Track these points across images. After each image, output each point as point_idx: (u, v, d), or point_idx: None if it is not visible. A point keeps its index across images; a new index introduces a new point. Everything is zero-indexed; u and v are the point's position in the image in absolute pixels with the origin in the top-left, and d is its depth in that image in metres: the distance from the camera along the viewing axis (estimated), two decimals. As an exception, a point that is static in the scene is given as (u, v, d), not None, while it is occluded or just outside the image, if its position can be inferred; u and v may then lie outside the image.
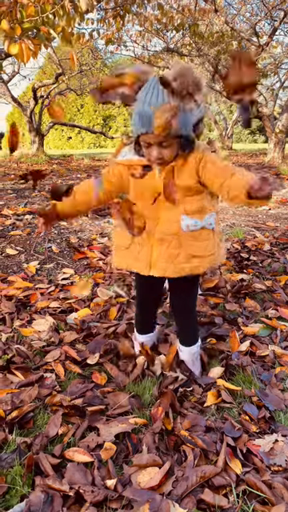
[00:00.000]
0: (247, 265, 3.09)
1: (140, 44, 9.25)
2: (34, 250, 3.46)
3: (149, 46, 9.73)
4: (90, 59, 13.57)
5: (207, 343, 1.96)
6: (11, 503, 1.13)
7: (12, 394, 1.57)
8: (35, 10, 3.08)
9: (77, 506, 1.13)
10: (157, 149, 1.33)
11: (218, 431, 1.39)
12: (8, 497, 1.16)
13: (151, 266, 1.48)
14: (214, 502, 1.12)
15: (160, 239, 1.45)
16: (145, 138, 1.33)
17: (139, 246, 1.49)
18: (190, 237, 1.45)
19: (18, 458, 1.28)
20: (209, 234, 1.48)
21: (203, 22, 8.42)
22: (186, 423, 1.42)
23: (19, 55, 2.87)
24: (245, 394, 1.59)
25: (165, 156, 1.35)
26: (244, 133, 36.44)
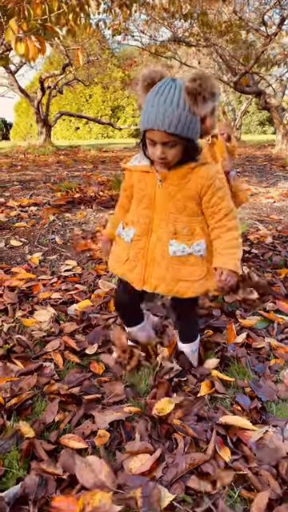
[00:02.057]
0: (248, 258, 3.10)
1: (147, 34, 9.17)
2: (37, 242, 3.50)
3: (156, 36, 9.66)
4: (97, 49, 13.49)
5: (204, 335, 1.99)
6: (7, 485, 1.18)
7: (11, 382, 1.62)
8: (42, 9, 3.07)
9: (70, 488, 1.17)
10: (161, 147, 1.30)
11: (209, 420, 1.43)
12: (4, 479, 1.21)
13: (144, 282, 1.49)
14: (200, 489, 1.16)
15: (152, 259, 1.47)
16: (150, 134, 1.31)
17: (134, 262, 1.51)
18: (176, 261, 1.45)
19: (16, 443, 1.33)
20: (197, 260, 1.46)
21: (211, 12, 8.32)
22: (179, 412, 1.46)
23: (25, 54, 2.88)
24: (238, 385, 1.63)
25: (169, 156, 1.32)
26: (253, 124, 36.07)
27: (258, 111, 31.49)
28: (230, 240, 1.43)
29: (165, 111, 1.24)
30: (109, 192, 5.51)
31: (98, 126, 30.05)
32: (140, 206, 1.49)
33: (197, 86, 1.23)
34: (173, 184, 1.40)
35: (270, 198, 5.42)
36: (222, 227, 1.43)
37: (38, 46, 3.18)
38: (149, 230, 1.47)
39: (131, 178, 1.52)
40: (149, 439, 1.36)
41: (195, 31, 9.03)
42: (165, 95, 1.25)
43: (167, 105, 1.24)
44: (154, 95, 1.27)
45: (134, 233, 1.50)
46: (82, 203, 4.88)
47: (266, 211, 4.78)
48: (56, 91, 14.03)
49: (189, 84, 1.24)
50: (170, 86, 1.27)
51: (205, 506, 1.11)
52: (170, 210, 1.43)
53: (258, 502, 1.10)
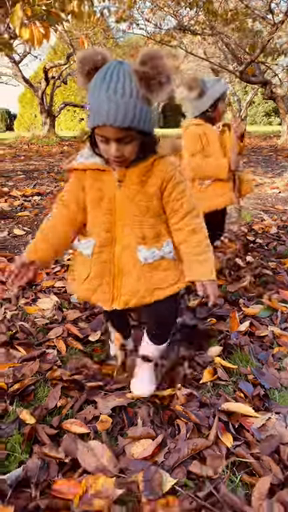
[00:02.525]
0: (253, 248, 3.08)
1: (152, 22, 9.07)
2: (41, 231, 3.50)
3: (161, 25, 9.54)
4: (102, 38, 13.36)
5: (207, 323, 1.99)
6: (10, 469, 1.19)
7: (14, 368, 1.62)
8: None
9: (71, 472, 1.18)
10: (115, 145, 1.11)
11: (212, 407, 1.42)
12: (7, 463, 1.22)
13: (113, 299, 1.32)
14: (201, 473, 1.16)
15: (119, 271, 1.30)
16: (101, 131, 1.11)
17: (97, 279, 1.32)
18: (148, 268, 1.29)
19: (18, 427, 1.33)
20: (169, 263, 1.31)
21: (217, 0, 8.20)
22: (182, 399, 1.46)
23: (30, 39, 2.85)
24: (241, 372, 1.62)
25: (125, 153, 1.14)
26: (259, 115, 35.73)
27: (264, 102, 31.19)
28: (199, 244, 1.29)
29: (116, 104, 1.04)
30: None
31: (102, 116, 29.80)
32: (98, 212, 1.28)
33: (149, 69, 1.03)
34: (134, 183, 1.23)
35: (275, 189, 5.38)
36: (185, 228, 1.28)
37: (42, 32, 3.16)
38: (112, 239, 1.28)
39: (82, 179, 1.28)
40: (151, 425, 1.35)
41: (201, 19, 8.91)
42: (114, 84, 1.04)
43: (118, 96, 1.04)
44: (100, 84, 1.06)
45: (93, 244, 1.30)
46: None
47: (271, 201, 4.74)
48: (60, 81, 13.94)
49: (139, 68, 1.04)
50: (117, 71, 1.06)
51: (206, 491, 1.11)
52: (133, 212, 1.25)
53: (260, 487, 1.10)
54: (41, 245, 1.33)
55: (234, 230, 3.57)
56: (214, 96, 2.25)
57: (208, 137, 2.32)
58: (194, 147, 2.31)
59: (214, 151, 2.33)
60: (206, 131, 2.31)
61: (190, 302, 2.19)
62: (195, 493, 1.11)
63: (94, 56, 1.10)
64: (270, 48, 8.82)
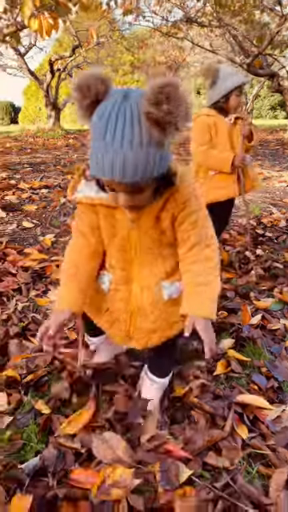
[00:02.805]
0: (262, 241, 3.07)
1: (159, 14, 8.98)
2: (49, 224, 3.50)
3: (168, 17, 9.44)
4: (107, 31, 13.27)
5: (219, 316, 1.98)
6: (26, 458, 1.19)
7: (27, 359, 1.62)
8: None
9: (88, 462, 1.18)
10: (125, 195, 0.97)
11: (226, 399, 1.42)
12: (23, 452, 1.22)
13: (130, 338, 1.25)
14: (217, 464, 1.17)
15: (138, 309, 1.20)
16: (107, 182, 0.96)
17: (116, 313, 1.25)
18: (171, 304, 1.20)
19: (34, 417, 1.34)
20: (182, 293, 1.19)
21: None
22: (196, 391, 1.46)
23: (39, 30, 2.84)
24: (254, 365, 1.62)
25: (137, 202, 1.00)
26: (264, 108, 35.47)
27: (270, 95, 30.95)
28: (202, 273, 1.12)
29: (124, 156, 0.84)
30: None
31: (107, 110, 29.74)
32: (112, 248, 1.19)
33: (164, 113, 0.83)
34: (148, 221, 1.11)
35: (283, 182, 5.35)
36: (192, 257, 1.14)
37: (50, 22, 3.13)
38: (128, 278, 1.20)
39: (94, 211, 1.14)
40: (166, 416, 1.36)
41: (208, 11, 8.82)
42: (120, 132, 0.84)
43: (126, 147, 0.84)
44: (103, 131, 0.85)
45: (110, 279, 1.23)
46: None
47: (279, 195, 4.72)
48: (66, 74, 13.87)
49: (152, 110, 0.83)
50: (123, 112, 0.84)
51: (223, 481, 1.11)
52: (148, 245, 1.15)
53: (277, 478, 1.10)
54: (77, 294, 1.18)
55: (242, 223, 3.56)
56: (227, 87, 2.22)
57: (217, 128, 2.30)
58: (201, 138, 2.30)
59: (221, 143, 2.32)
60: (217, 122, 2.29)
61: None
62: (212, 483, 1.11)
63: (95, 84, 0.88)
64: (278, 40, 8.72)
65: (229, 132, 2.32)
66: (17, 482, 1.10)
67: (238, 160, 2.28)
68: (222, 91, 2.24)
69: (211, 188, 2.36)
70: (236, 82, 2.21)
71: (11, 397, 1.45)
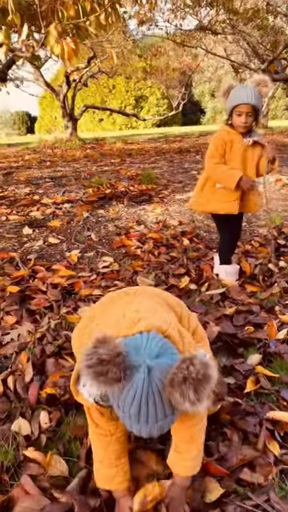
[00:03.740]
0: (284, 252, 3.11)
1: (173, 23, 9.10)
2: (74, 239, 3.61)
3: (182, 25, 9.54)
4: (121, 40, 13.45)
5: (245, 331, 2.04)
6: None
7: (65, 378, 1.71)
8: (75, 10, 3.14)
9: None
10: None
11: (257, 416, 1.48)
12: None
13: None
14: (252, 480, 1.23)
15: None
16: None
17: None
18: None
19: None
20: None
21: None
22: (227, 408, 1.52)
23: (61, 55, 2.96)
24: (282, 381, 1.67)
25: None
26: (280, 109, 35.20)
27: (285, 96, 30.71)
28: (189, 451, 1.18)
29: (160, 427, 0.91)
30: (139, 186, 5.56)
31: (121, 117, 30.02)
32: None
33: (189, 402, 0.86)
34: None
35: None
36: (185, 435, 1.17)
37: (72, 47, 3.26)
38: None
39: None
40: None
41: (221, 19, 8.88)
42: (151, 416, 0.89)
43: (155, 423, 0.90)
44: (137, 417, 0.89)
45: None
46: (114, 199, 4.96)
47: (299, 203, 4.73)
48: (81, 84, 14.10)
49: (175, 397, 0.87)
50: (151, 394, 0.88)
51: (256, 499, 1.17)
52: None
53: (310, 495, 1.15)
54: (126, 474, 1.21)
55: (263, 233, 3.61)
56: (229, 106, 2.34)
57: (233, 145, 2.40)
58: (215, 151, 2.42)
59: (233, 160, 2.42)
60: (234, 140, 2.39)
61: (227, 310, 2.24)
62: (243, 501, 1.17)
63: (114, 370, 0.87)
64: (293, 44, 8.71)
65: (243, 152, 2.40)
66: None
67: (245, 182, 2.37)
68: (227, 110, 2.35)
69: (214, 200, 2.49)
70: (234, 102, 2.28)
71: (51, 415, 1.55)
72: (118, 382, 0.88)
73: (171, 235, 3.60)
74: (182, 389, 0.85)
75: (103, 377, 0.87)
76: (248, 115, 2.28)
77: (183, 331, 1.13)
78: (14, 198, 5.03)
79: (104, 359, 0.86)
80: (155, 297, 1.24)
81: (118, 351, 0.88)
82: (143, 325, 1.00)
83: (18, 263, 3.02)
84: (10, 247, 3.44)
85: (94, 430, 1.18)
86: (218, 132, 2.45)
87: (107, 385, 0.88)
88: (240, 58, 13.17)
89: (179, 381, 0.85)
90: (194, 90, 33.71)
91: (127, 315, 1.08)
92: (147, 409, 0.88)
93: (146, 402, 0.88)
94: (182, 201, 4.92)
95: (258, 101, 2.25)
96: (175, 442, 1.20)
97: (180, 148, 11.08)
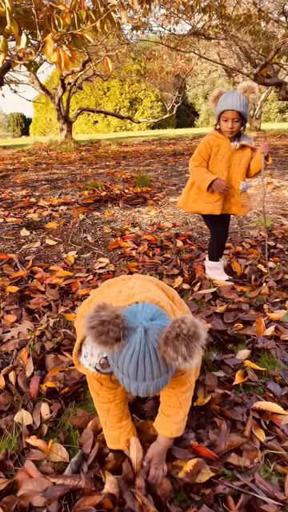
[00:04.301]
0: (273, 253, 3.22)
1: (166, 28, 9.21)
2: (71, 241, 3.70)
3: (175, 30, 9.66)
4: (116, 44, 13.55)
5: (234, 328, 2.15)
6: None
7: (64, 372, 1.81)
8: (71, 18, 3.24)
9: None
10: None
11: (244, 406, 1.59)
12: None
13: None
14: (239, 464, 1.33)
15: None
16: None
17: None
18: None
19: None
20: None
21: (230, 4, 8.30)
22: (217, 399, 1.62)
23: (58, 62, 3.06)
24: (269, 374, 1.78)
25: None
26: (272, 111, 35.47)
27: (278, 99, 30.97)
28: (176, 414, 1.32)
29: (149, 386, 1.02)
30: (134, 189, 5.66)
31: (116, 118, 30.15)
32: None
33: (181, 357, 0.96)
34: None
35: None
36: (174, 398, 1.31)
37: (69, 55, 3.35)
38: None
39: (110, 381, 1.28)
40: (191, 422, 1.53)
41: (214, 24, 9.01)
42: (148, 373, 1.00)
43: (152, 380, 1.01)
44: (135, 374, 1.00)
45: None
46: (109, 201, 5.06)
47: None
48: (76, 87, 14.19)
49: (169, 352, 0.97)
50: (148, 353, 0.99)
51: (243, 480, 1.27)
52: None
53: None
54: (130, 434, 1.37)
55: (254, 235, 3.72)
56: (217, 111, 2.45)
57: (219, 149, 2.52)
58: (198, 154, 2.57)
59: (218, 164, 2.55)
60: (221, 144, 2.51)
61: (218, 308, 2.35)
62: (232, 482, 1.27)
63: (113, 330, 0.98)
64: (284, 50, 8.86)
65: (230, 156, 2.52)
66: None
67: (217, 185, 2.49)
68: (216, 115, 2.46)
69: (199, 200, 2.63)
70: (221, 108, 2.39)
71: (52, 406, 1.64)
72: (118, 342, 0.98)
73: (165, 237, 3.71)
74: (175, 344, 0.95)
75: (104, 336, 0.97)
76: (234, 121, 2.39)
77: (175, 308, 1.27)
78: (11, 201, 5.12)
79: (105, 320, 0.97)
80: (149, 281, 1.36)
81: (117, 314, 0.99)
82: (138, 297, 1.13)
83: (17, 264, 3.11)
84: (9, 249, 3.52)
85: (95, 399, 1.35)
86: (206, 137, 2.57)
87: (108, 344, 0.98)
88: (233, 61, 13.34)
89: (172, 337, 0.95)
90: (187, 92, 33.91)
91: (123, 291, 1.21)
92: (144, 367, 0.98)
93: (143, 360, 0.98)
94: (175, 203, 5.02)
95: (244, 107, 2.35)
96: (164, 407, 1.33)
97: (174, 151, 11.21)
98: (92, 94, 30.88)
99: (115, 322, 0.97)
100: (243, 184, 2.58)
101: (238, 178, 2.56)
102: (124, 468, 1.32)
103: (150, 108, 31.73)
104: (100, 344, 0.98)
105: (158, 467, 1.30)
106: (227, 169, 2.54)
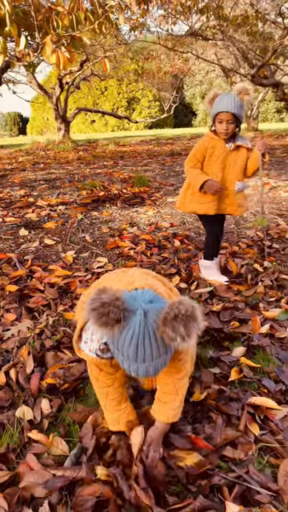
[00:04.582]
0: (269, 253, 3.27)
1: (164, 28, 9.26)
2: (69, 240, 3.74)
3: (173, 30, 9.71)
4: (113, 44, 13.58)
5: (231, 326, 2.19)
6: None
7: (64, 369, 1.85)
8: (70, 20, 3.28)
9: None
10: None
11: (239, 401, 1.63)
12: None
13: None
14: (234, 456, 1.38)
15: None
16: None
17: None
18: None
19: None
20: None
21: (227, 5, 8.35)
22: (213, 394, 1.67)
23: (57, 64, 3.10)
24: (264, 371, 1.83)
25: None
26: (270, 111, 35.57)
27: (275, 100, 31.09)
28: (173, 400, 1.38)
29: (149, 367, 1.06)
30: (131, 189, 5.71)
31: (113, 118, 30.17)
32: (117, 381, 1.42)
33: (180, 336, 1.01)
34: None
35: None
36: (170, 384, 1.37)
37: (67, 56, 3.39)
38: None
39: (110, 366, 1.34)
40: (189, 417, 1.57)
41: (211, 25, 9.07)
42: (148, 354, 1.04)
43: (151, 361, 1.06)
44: (135, 355, 1.04)
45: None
46: (107, 201, 5.10)
47: (286, 205, 4.90)
48: (74, 87, 14.22)
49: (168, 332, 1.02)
50: (147, 335, 1.03)
51: (238, 471, 1.32)
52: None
53: (284, 467, 1.30)
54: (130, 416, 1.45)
55: (250, 235, 3.77)
56: (212, 113, 2.48)
57: (214, 151, 2.55)
58: (193, 156, 2.62)
59: (213, 165, 2.58)
60: (216, 145, 2.55)
61: (214, 306, 2.39)
62: (227, 473, 1.32)
63: (114, 311, 1.02)
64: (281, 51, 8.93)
65: (225, 157, 2.55)
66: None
67: (208, 186, 2.53)
68: (211, 117, 2.50)
69: (194, 201, 2.67)
70: (216, 110, 2.43)
71: (52, 402, 1.68)
72: (118, 323, 1.02)
73: (163, 237, 3.75)
74: (174, 324, 0.99)
75: (105, 317, 1.01)
76: (229, 123, 2.42)
77: (172, 295, 1.32)
78: (9, 200, 5.15)
79: (105, 302, 1.01)
80: (146, 273, 1.41)
81: (118, 296, 1.03)
82: (137, 284, 1.19)
83: (16, 263, 3.15)
84: (8, 248, 3.56)
85: (95, 384, 1.41)
86: (201, 139, 2.61)
87: (108, 326, 1.02)
88: (230, 62, 13.40)
89: (171, 318, 1.00)
90: (185, 92, 33.96)
91: (123, 280, 1.27)
92: (144, 348, 1.02)
93: (143, 341, 1.02)
94: (173, 203, 5.07)
95: (239, 109, 2.38)
96: (160, 394, 1.40)
97: (172, 151, 11.26)
98: (90, 93, 30.89)
99: (115, 304, 1.01)
100: (238, 184, 2.61)
101: (233, 178, 2.60)
102: (118, 455, 1.38)
103: (147, 108, 31.76)
104: (101, 326, 1.02)
105: (155, 450, 1.36)
106: (222, 170, 2.57)
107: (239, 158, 2.57)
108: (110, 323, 1.02)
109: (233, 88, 2.48)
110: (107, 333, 1.05)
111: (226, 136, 2.50)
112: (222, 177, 2.59)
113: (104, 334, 1.10)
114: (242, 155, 2.57)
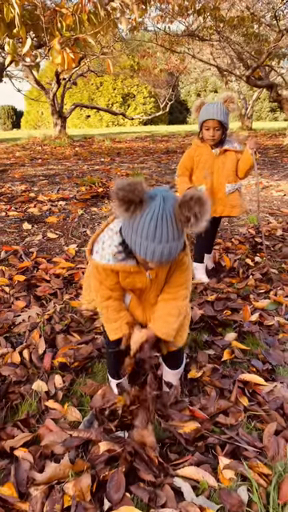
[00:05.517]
0: (260, 249, 3.49)
1: (161, 29, 9.43)
2: (71, 234, 3.93)
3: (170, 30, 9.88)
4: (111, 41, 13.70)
5: (223, 315, 2.41)
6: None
7: (73, 350, 2.05)
8: (73, 21, 3.46)
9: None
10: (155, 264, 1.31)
11: (231, 378, 1.85)
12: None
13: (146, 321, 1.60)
14: (226, 423, 1.59)
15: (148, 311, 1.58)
16: (142, 259, 1.30)
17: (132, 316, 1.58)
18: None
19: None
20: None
21: (224, 7, 8.54)
22: (208, 372, 1.88)
23: (61, 64, 3.27)
24: (253, 353, 2.04)
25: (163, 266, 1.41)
26: (264, 110, 35.86)
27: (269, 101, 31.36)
28: (174, 308, 1.50)
29: (164, 249, 1.19)
30: (129, 186, 5.89)
31: (108, 114, 30.24)
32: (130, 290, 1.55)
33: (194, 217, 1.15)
34: (164, 273, 1.49)
35: (280, 192, 5.75)
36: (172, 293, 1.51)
37: (72, 57, 3.58)
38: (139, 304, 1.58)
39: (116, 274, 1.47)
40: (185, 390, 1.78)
41: (208, 26, 9.25)
42: (165, 234, 1.17)
43: (167, 243, 1.18)
44: (153, 234, 1.17)
45: (129, 299, 1.57)
46: (106, 197, 5.29)
47: (276, 204, 5.13)
48: (71, 83, 14.32)
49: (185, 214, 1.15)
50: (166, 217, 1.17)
51: (229, 433, 1.53)
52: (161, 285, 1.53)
53: (268, 430, 1.52)
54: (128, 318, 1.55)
55: (243, 232, 3.99)
56: (199, 121, 2.63)
57: (201, 158, 2.72)
58: (181, 164, 2.82)
59: (200, 170, 2.74)
60: (202, 152, 2.71)
61: (209, 297, 2.61)
62: (220, 436, 1.53)
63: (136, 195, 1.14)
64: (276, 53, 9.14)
65: (211, 163, 2.70)
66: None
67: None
68: (198, 125, 2.67)
69: None
70: (203, 117, 2.57)
71: (65, 377, 1.88)
72: (140, 204, 1.16)
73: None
74: (190, 204, 1.14)
75: (131, 194, 1.14)
76: (215, 129, 2.56)
77: None
78: (11, 195, 5.32)
79: (130, 183, 1.15)
80: None
81: (140, 182, 1.17)
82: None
83: (22, 255, 3.34)
84: (12, 241, 3.74)
85: (98, 288, 1.51)
86: (188, 149, 2.78)
87: (132, 205, 1.15)
88: (226, 61, 13.60)
89: (186, 200, 1.14)
90: (180, 90, 34.10)
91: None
92: (161, 228, 1.16)
93: (161, 221, 1.16)
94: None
95: (224, 116, 2.52)
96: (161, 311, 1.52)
97: (167, 148, 11.45)
98: (85, 88, 30.91)
99: (139, 187, 1.15)
100: (228, 186, 2.72)
101: (223, 181, 2.71)
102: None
103: (142, 104, 31.85)
104: (124, 204, 1.15)
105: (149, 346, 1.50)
106: (210, 175, 2.71)
107: (227, 161, 2.67)
108: (134, 201, 1.14)
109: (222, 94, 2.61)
110: (129, 216, 1.18)
111: (213, 142, 2.63)
112: (212, 181, 2.71)
113: (125, 218, 1.22)
114: (230, 158, 2.68)
